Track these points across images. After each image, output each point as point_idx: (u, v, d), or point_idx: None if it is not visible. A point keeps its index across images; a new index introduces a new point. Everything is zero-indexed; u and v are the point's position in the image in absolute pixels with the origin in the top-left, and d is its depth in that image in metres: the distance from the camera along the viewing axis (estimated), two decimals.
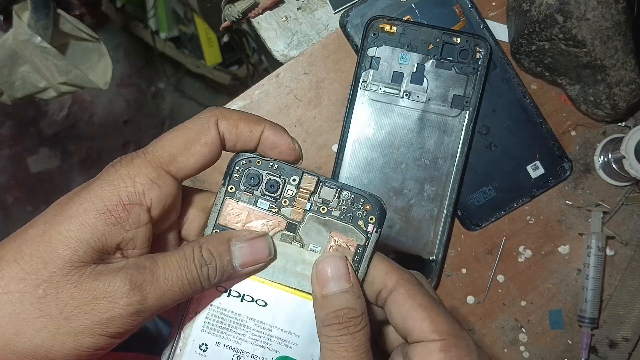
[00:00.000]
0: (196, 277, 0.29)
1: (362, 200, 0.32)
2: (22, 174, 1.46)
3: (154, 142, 0.31)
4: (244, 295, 0.32)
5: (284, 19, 0.53)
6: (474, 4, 0.51)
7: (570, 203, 0.53)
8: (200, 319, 0.32)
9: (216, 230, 0.32)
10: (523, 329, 0.52)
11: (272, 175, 0.32)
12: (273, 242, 0.32)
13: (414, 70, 0.50)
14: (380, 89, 0.50)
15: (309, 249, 0.32)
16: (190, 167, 0.31)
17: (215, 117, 0.31)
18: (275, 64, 0.54)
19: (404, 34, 0.49)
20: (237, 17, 0.51)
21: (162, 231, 0.32)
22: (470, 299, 0.52)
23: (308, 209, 0.32)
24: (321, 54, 0.53)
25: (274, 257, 0.32)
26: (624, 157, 0.49)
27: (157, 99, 1.51)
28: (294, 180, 0.32)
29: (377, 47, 0.50)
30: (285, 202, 0.32)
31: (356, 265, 0.32)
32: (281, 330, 0.32)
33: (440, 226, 0.50)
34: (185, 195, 0.33)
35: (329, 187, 0.32)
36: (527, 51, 0.50)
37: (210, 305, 0.32)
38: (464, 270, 0.52)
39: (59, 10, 0.76)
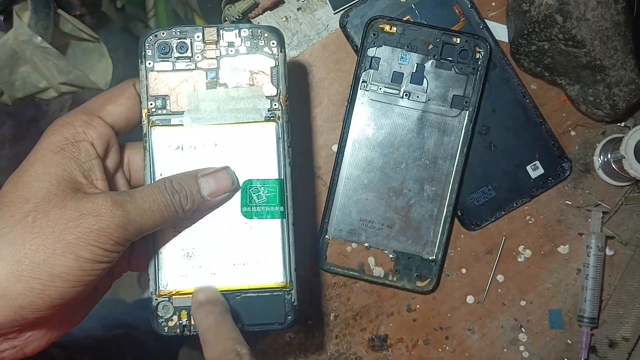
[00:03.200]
0: (169, 202, 0.34)
1: (260, 31, 0.37)
2: None
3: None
4: (195, 145, 0.37)
5: (284, 19, 0.53)
6: (473, 4, 0.51)
7: (570, 203, 0.53)
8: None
9: (150, 102, 0.36)
10: (523, 328, 0.53)
11: (179, 39, 0.37)
12: (235, 174, 0.37)
13: (414, 71, 0.50)
14: (380, 89, 0.50)
15: (233, 86, 0.37)
16: (118, 114, 0.37)
17: (133, 81, 0.38)
18: None
19: (404, 34, 0.49)
20: (237, 17, 0.51)
21: (111, 172, 0.38)
22: (470, 299, 0.52)
23: (219, 55, 0.37)
24: (321, 54, 0.53)
25: (238, 187, 0.37)
26: (624, 157, 0.49)
27: None
28: (198, 37, 0.37)
29: (377, 47, 0.50)
30: (198, 57, 0.37)
31: (275, 82, 0.37)
32: (236, 159, 0.37)
33: (440, 226, 0.50)
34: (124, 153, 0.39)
35: (228, 30, 0.37)
36: (526, 51, 0.50)
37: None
38: (463, 270, 0.52)
39: (60, 11, 0.76)
